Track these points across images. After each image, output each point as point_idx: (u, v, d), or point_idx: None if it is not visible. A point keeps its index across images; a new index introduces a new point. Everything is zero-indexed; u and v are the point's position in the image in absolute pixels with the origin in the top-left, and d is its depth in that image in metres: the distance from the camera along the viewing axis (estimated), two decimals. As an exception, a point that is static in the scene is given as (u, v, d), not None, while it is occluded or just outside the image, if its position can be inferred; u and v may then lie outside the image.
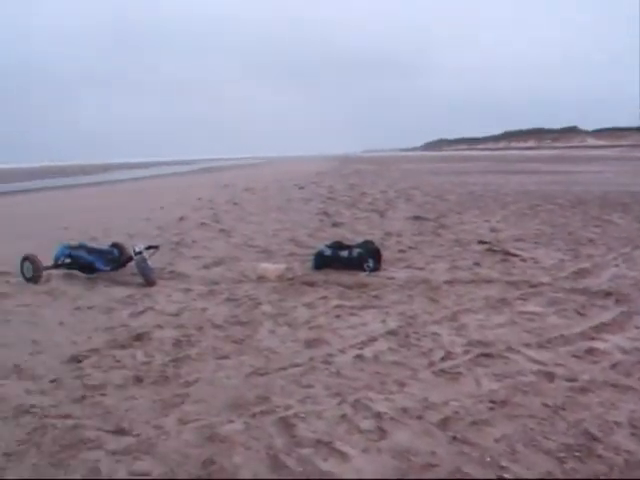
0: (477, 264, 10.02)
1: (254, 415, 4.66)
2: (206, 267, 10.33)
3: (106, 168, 77.41)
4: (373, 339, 6.38)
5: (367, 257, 9.65)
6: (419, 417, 4.61)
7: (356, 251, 9.77)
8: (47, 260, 10.04)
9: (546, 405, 4.76)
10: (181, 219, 17.03)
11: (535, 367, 5.52)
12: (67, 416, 4.82)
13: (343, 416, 4.62)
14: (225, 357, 5.96)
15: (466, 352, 5.94)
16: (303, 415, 4.62)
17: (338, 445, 4.19)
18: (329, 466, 3.95)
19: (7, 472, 4.09)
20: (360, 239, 11.60)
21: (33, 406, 5.03)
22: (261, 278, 9.18)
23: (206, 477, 3.86)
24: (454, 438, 4.28)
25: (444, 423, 4.51)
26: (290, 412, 4.67)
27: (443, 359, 5.78)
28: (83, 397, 5.17)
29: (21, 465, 4.16)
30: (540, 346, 6.08)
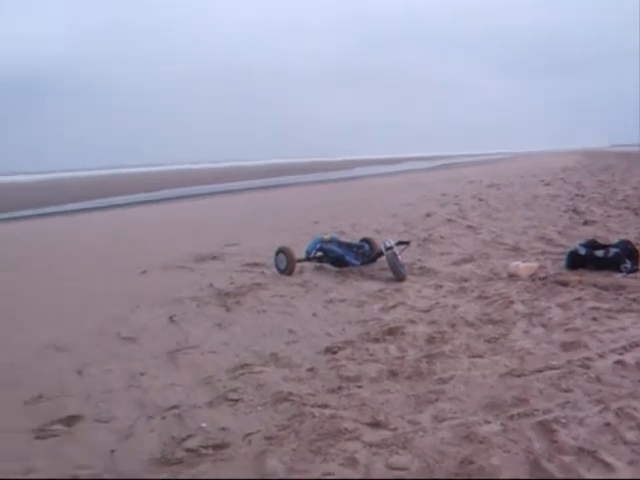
0: None
1: (512, 417, 4.53)
2: (455, 263, 10.24)
3: (352, 164, 79.13)
4: (634, 345, 5.98)
5: (624, 257, 9.14)
6: (691, 433, 4.28)
7: (613, 251, 9.25)
8: (299, 253, 10.39)
9: None
10: (428, 215, 17.02)
11: None
12: (324, 405, 4.94)
13: (607, 424, 4.37)
14: (479, 356, 5.87)
15: None
16: (564, 420, 4.42)
17: (602, 455, 3.97)
18: (593, 476, 3.76)
19: (268, 454, 4.24)
20: (613, 238, 11.05)
21: (291, 394, 5.20)
22: (512, 276, 8.95)
23: (465, 476, 3.80)
24: None
25: None
26: (550, 416, 4.49)
27: None
28: (339, 388, 5.28)
29: (281, 449, 4.31)
30: None
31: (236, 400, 5.21)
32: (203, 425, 4.79)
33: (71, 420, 5.02)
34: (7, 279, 11.19)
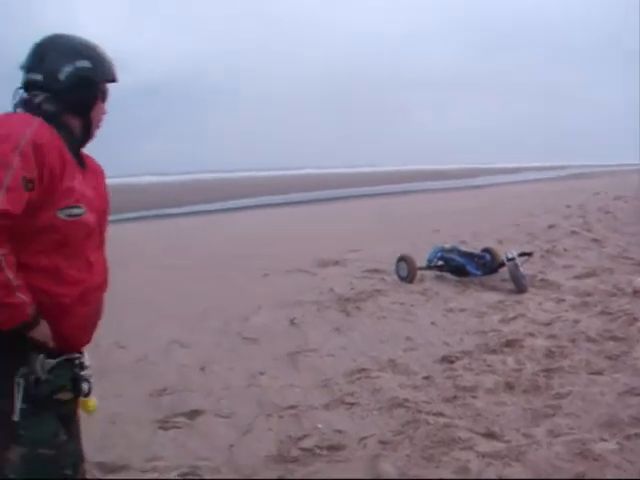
0: None
1: (629, 437, 4.43)
2: (577, 277, 10.01)
3: (472, 173, 77.92)
4: None
5: None
6: None
7: None
8: (419, 261, 10.38)
9: None
10: (551, 226, 16.62)
11: None
12: (439, 414, 4.98)
13: None
14: (598, 372, 5.75)
15: None
16: (682, 443, 4.32)
17: None
18: None
19: (382, 458, 4.32)
20: None
21: (407, 400, 5.26)
22: (637, 292, 8.69)
23: (578, 494, 3.78)
24: None
25: None
26: (667, 438, 4.39)
27: None
28: (455, 397, 5.31)
29: (395, 454, 4.38)
30: None
31: (352, 404, 5.31)
32: (319, 426, 4.90)
33: (193, 414, 5.23)
34: (142, 276, 11.58)
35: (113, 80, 2.74)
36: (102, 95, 2.71)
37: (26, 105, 2.58)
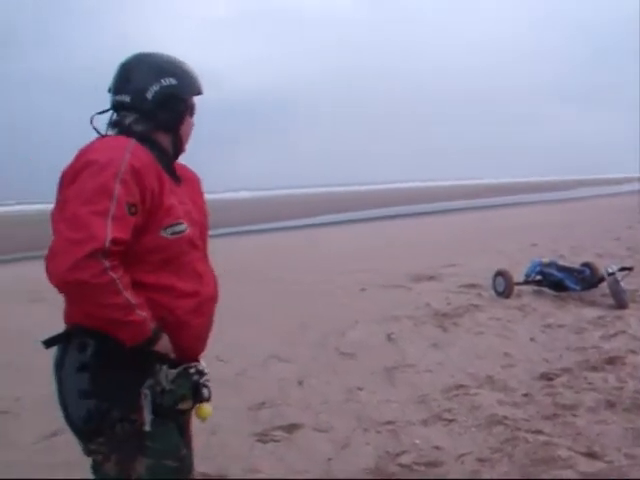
0: None
1: None
2: (679, 293, 9.72)
3: (570, 185, 76.12)
4: None
5: None
6: None
7: None
8: (516, 275, 10.26)
9: None
10: (653, 240, 16.18)
11: None
12: (538, 432, 4.92)
13: None
14: None
15: None
16: None
17: None
18: None
19: (480, 475, 4.31)
20: None
21: (505, 417, 5.23)
22: None
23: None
24: None
25: None
26: None
27: None
28: (554, 415, 5.24)
29: (493, 471, 4.37)
30: None
31: (450, 420, 5.31)
32: (417, 442, 4.91)
33: (291, 427, 5.30)
34: (240, 291, 11.68)
35: (199, 93, 2.79)
36: (190, 110, 2.76)
37: (117, 126, 2.67)
